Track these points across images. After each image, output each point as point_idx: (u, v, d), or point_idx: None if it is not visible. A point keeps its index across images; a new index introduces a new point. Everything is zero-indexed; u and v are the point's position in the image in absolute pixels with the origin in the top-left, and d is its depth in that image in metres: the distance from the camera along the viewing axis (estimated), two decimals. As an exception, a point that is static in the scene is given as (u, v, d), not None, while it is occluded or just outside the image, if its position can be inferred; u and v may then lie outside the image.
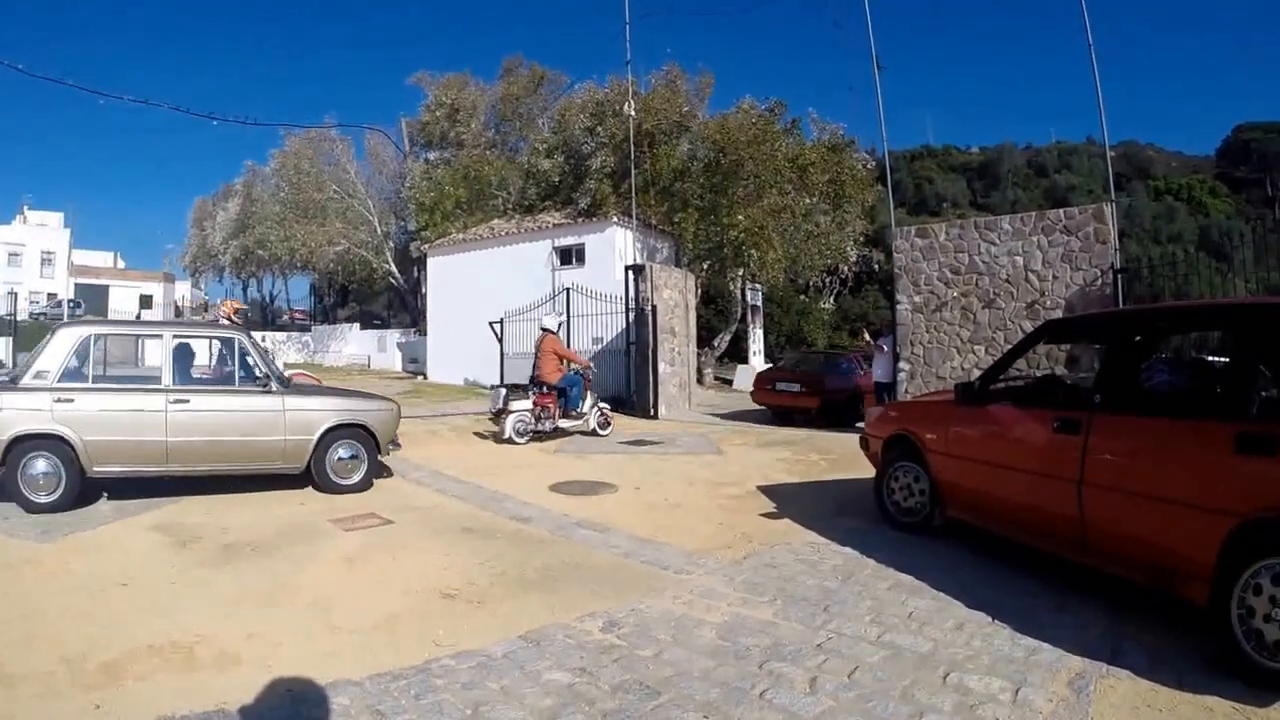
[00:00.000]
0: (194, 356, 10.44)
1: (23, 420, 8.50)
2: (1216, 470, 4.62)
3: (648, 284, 20.82)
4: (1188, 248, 35.32)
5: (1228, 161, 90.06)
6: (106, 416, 8.87)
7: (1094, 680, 4.43)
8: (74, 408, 8.71)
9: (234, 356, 10.00)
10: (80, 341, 9.03)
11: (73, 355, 8.93)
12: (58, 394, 8.69)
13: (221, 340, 10.58)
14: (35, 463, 8.46)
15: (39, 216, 77.51)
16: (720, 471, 11.95)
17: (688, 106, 35.45)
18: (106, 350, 9.74)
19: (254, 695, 4.16)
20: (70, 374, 8.89)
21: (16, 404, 8.56)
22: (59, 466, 8.53)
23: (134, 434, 8.97)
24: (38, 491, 8.42)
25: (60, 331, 9.21)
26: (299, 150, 44.45)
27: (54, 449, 8.55)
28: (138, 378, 10.07)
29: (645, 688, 4.30)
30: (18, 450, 8.42)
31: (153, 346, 10.46)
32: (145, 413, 9.05)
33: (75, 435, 8.62)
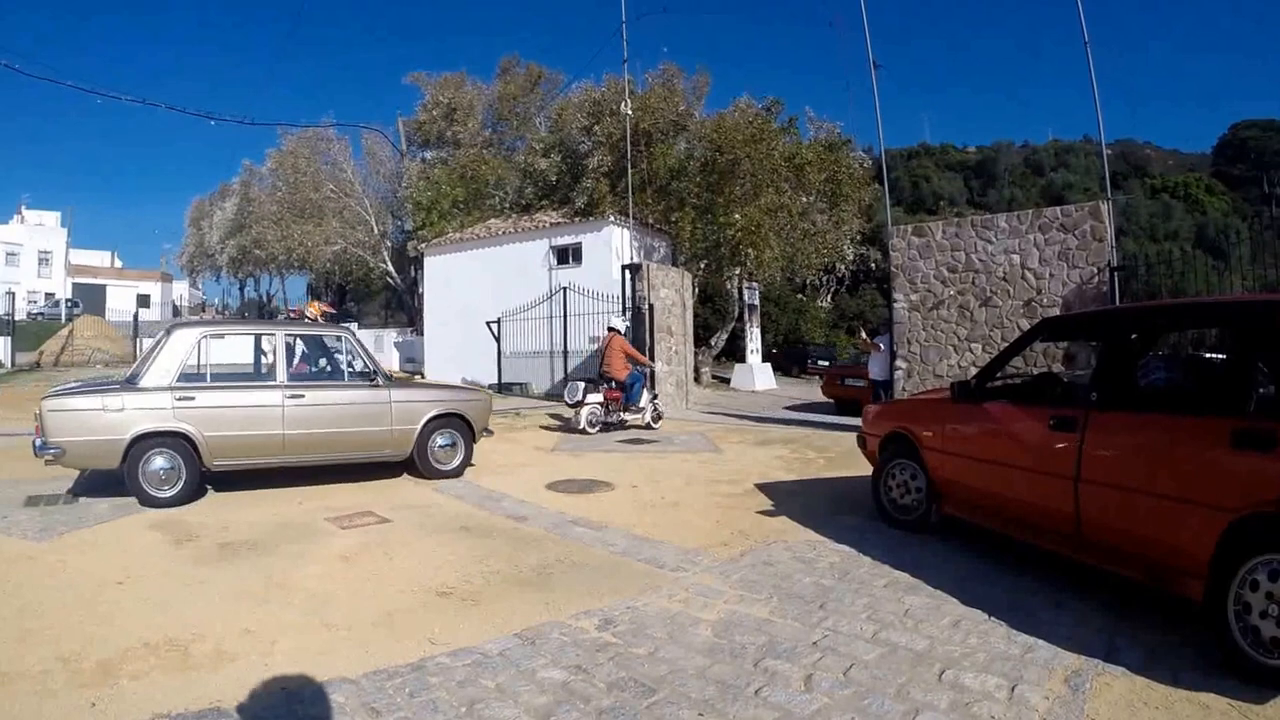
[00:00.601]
0: (305, 354, 11.40)
1: (145, 419, 8.91)
2: (1213, 467, 4.62)
3: (644, 283, 20.83)
4: (1184, 245, 35.38)
5: (1224, 159, 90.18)
6: (226, 413, 9.42)
7: (1090, 677, 4.43)
8: (194, 405, 9.19)
9: (342, 353, 10.77)
10: (196, 342, 9.54)
11: (190, 355, 9.46)
12: (178, 393, 9.16)
13: (330, 338, 11.31)
14: (154, 459, 8.88)
15: (36, 216, 77.79)
16: (717, 469, 11.94)
17: (684, 106, 35.56)
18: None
19: (250, 693, 4.15)
20: (188, 373, 9.40)
21: (139, 403, 8.97)
22: (178, 462, 8.97)
23: (252, 428, 9.55)
24: (159, 486, 8.85)
25: (176, 333, 9.61)
26: (296, 150, 44.67)
27: (174, 445, 8.98)
28: (249, 375, 10.82)
29: (641, 685, 4.30)
30: (139, 447, 8.81)
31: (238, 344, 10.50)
32: (263, 408, 9.64)
33: (196, 432, 9.10)
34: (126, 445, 8.76)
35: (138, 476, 8.79)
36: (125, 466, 8.76)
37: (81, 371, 32.76)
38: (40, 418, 8.67)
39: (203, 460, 9.18)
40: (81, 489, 9.37)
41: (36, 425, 8.85)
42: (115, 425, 8.79)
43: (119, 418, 8.84)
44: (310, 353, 11.56)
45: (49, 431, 8.58)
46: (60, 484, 9.54)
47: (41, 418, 8.64)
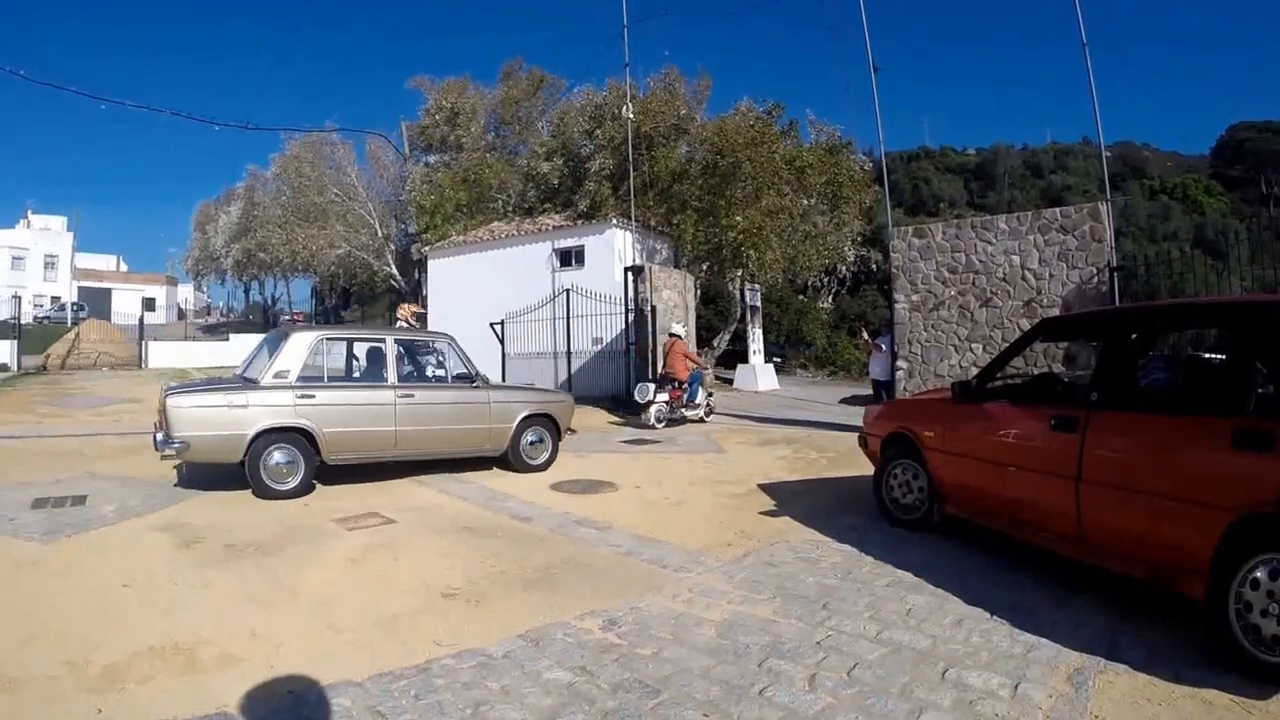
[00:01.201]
0: (413, 357, 11.84)
1: (268, 415, 9.59)
2: (1213, 466, 4.65)
3: (647, 285, 20.85)
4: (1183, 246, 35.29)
5: (1222, 161, 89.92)
6: (343, 410, 10.20)
7: (1093, 675, 4.45)
8: (314, 403, 9.92)
9: (446, 356, 11.77)
10: (314, 344, 10.26)
11: (308, 356, 10.15)
12: (299, 391, 9.87)
13: (434, 342, 12.14)
14: (274, 454, 9.55)
15: (42, 220, 78.15)
16: (720, 470, 11.96)
17: (686, 109, 35.51)
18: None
19: (256, 697, 4.17)
20: (307, 373, 10.08)
21: (262, 401, 9.64)
22: (297, 456, 9.67)
23: (368, 425, 10.36)
24: (280, 480, 9.54)
25: (295, 335, 10.35)
26: (300, 154, 44.77)
27: (293, 441, 9.70)
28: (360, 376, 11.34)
29: (645, 686, 4.31)
30: (260, 443, 9.46)
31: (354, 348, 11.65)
32: (377, 406, 10.44)
33: (316, 428, 9.82)
34: (250, 440, 9.39)
35: (259, 470, 9.42)
36: (246, 461, 9.39)
37: (87, 375, 32.79)
38: (164, 414, 9.13)
39: (320, 455, 9.88)
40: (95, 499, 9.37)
41: (157, 421, 9.51)
42: (239, 421, 9.42)
43: (243, 414, 9.48)
44: (416, 356, 12.06)
45: (174, 427, 9.09)
46: (65, 487, 9.55)
47: (165, 414, 9.11)
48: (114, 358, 40.46)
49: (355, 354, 11.67)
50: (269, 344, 10.78)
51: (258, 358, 10.75)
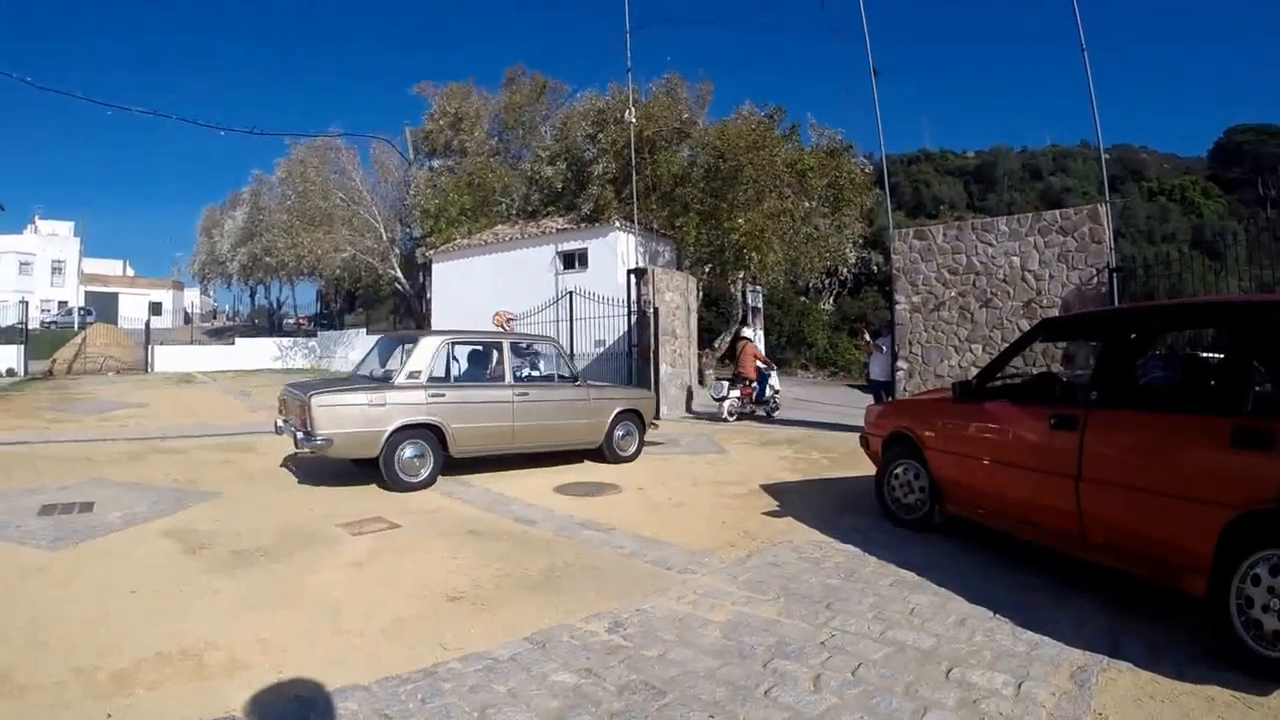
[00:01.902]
0: (524, 358, 12.84)
1: (403, 413, 10.44)
2: (1213, 464, 4.68)
3: (649, 287, 20.86)
4: (1181, 247, 35.28)
5: (1220, 163, 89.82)
6: (469, 408, 11.13)
7: (1096, 673, 4.48)
8: (444, 401, 10.85)
9: (552, 358, 13.10)
10: (442, 347, 11.26)
11: (437, 359, 11.13)
12: (430, 390, 10.78)
13: (541, 345, 13.38)
14: (407, 449, 10.39)
15: (49, 226, 78.40)
16: (723, 471, 12.00)
17: (688, 114, 35.60)
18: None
19: (264, 702, 4.18)
20: (436, 374, 11.05)
21: (398, 400, 10.50)
22: (427, 451, 10.55)
23: (490, 421, 11.34)
24: (412, 473, 10.40)
25: (424, 339, 11.28)
26: (305, 159, 44.83)
27: (424, 437, 10.57)
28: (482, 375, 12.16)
29: (651, 688, 4.33)
30: (395, 438, 10.29)
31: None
32: (497, 404, 11.46)
33: (445, 424, 10.75)
34: (387, 436, 10.22)
35: (393, 464, 10.26)
36: (382, 455, 10.18)
37: (94, 379, 32.81)
38: (309, 413, 9.82)
39: (448, 449, 10.80)
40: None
41: (300, 419, 10.12)
42: (378, 419, 10.25)
43: (381, 412, 10.32)
44: (527, 357, 13.00)
45: (319, 425, 9.83)
46: (72, 493, 9.54)
47: (310, 413, 9.81)
48: (121, 362, 40.55)
49: (476, 356, 12.55)
50: (387, 347, 12.27)
51: (382, 359, 11.98)
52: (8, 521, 8.08)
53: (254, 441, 14.79)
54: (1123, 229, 56.82)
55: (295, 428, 10.31)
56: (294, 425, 10.42)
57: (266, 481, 10.67)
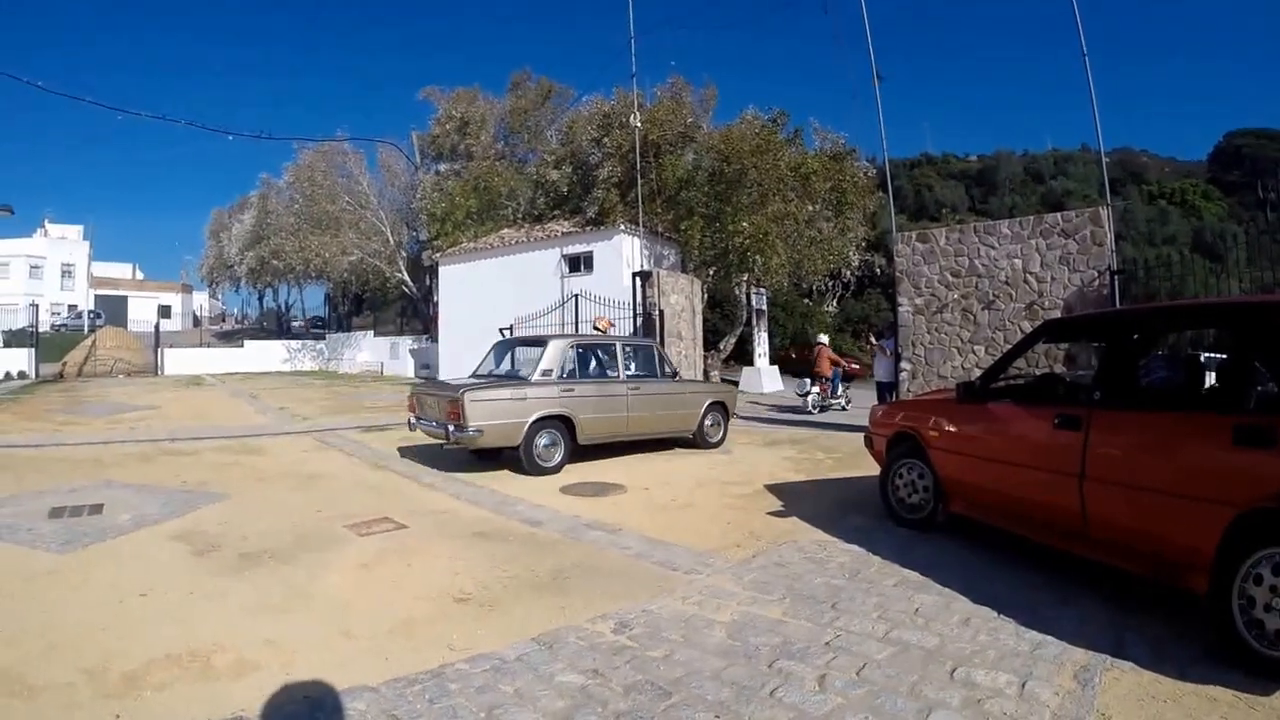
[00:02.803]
0: (633, 357, 14.37)
1: (541, 406, 11.94)
2: (1215, 463, 4.70)
3: (654, 289, 20.93)
4: (1182, 250, 35.39)
5: (1219, 166, 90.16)
6: (592, 401, 12.72)
7: (1099, 672, 4.50)
8: (573, 395, 12.43)
9: (654, 357, 14.71)
10: (569, 348, 12.88)
11: (565, 358, 12.74)
12: (562, 386, 12.37)
13: (646, 347, 15.16)
14: (541, 437, 11.89)
15: (59, 230, 78.65)
16: (728, 471, 12.04)
17: (692, 118, 35.55)
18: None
19: (272, 703, 4.20)
20: (565, 371, 12.66)
21: (537, 394, 12.01)
22: (558, 439, 12.06)
23: (610, 412, 13.01)
24: (547, 459, 11.89)
25: (554, 342, 12.78)
26: (313, 163, 44.85)
27: (556, 427, 12.09)
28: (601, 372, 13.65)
29: (657, 688, 4.35)
30: (533, 428, 11.75)
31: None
32: (615, 397, 13.16)
33: (575, 415, 12.29)
34: (528, 427, 11.67)
35: (531, 451, 11.73)
36: (522, 444, 11.61)
37: (104, 382, 32.82)
38: (462, 409, 11.14)
39: (576, 437, 12.33)
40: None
41: (450, 414, 11.39)
42: (521, 411, 11.72)
43: (523, 405, 11.79)
44: (635, 356, 14.47)
45: (471, 418, 11.20)
46: (82, 496, 9.57)
47: (464, 409, 11.14)
48: (130, 365, 40.53)
49: (595, 356, 13.72)
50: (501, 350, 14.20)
51: (496, 361, 13.94)
52: (18, 524, 8.12)
53: (262, 444, 14.84)
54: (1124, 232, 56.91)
55: (438, 422, 11.78)
56: (435, 420, 11.95)
57: (275, 483, 10.70)
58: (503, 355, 14.08)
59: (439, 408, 11.87)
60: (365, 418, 19.70)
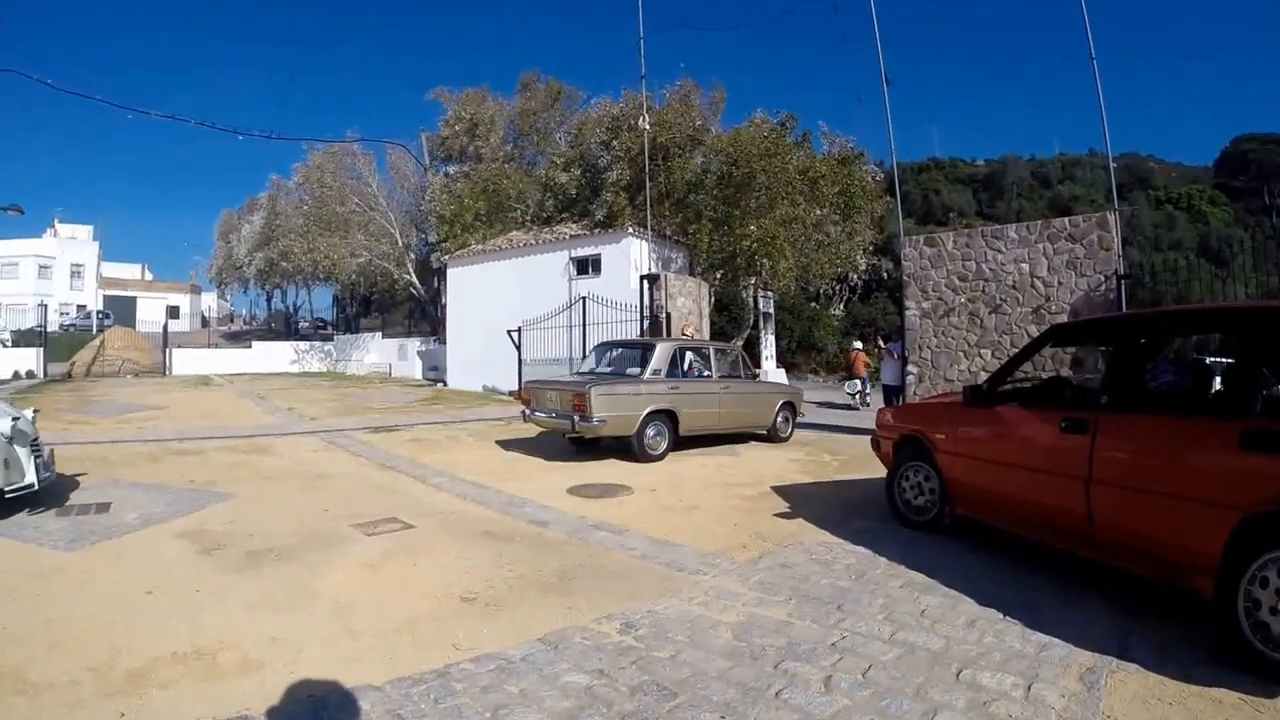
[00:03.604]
0: (721, 359, 15.63)
1: (652, 401, 13.41)
2: (1222, 467, 4.70)
3: (662, 292, 20.94)
4: (1188, 254, 35.45)
5: (1226, 172, 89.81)
6: (692, 398, 14.19)
7: (1104, 675, 4.49)
8: (678, 392, 13.91)
9: (739, 360, 16.45)
10: (674, 351, 14.47)
11: (670, 359, 14.24)
12: (669, 384, 13.88)
13: (733, 350, 16.84)
14: (649, 428, 13.34)
15: (69, 230, 78.65)
16: (734, 473, 12.06)
17: (701, 121, 35.55)
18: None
19: (276, 701, 4.20)
20: (670, 371, 14.11)
21: (649, 390, 13.47)
22: (664, 430, 13.56)
23: (705, 407, 14.49)
24: (654, 448, 13.38)
25: (660, 345, 14.45)
26: (322, 164, 44.97)
27: (663, 419, 13.55)
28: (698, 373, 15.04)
29: (662, 689, 4.35)
30: (645, 420, 13.19)
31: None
32: (709, 394, 14.66)
33: (679, 410, 13.75)
34: (641, 419, 13.11)
35: (642, 441, 13.19)
36: (635, 434, 13.05)
37: (112, 382, 32.88)
38: (589, 402, 12.48)
39: (678, 429, 13.73)
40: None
41: (575, 406, 12.76)
42: (637, 405, 13.18)
43: (638, 400, 13.25)
44: (723, 358, 15.71)
45: (596, 410, 12.53)
46: (89, 494, 9.61)
47: (590, 402, 12.49)
48: (139, 365, 40.66)
49: (693, 358, 15.07)
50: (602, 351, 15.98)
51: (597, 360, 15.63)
52: (25, 521, 8.16)
53: (270, 444, 14.87)
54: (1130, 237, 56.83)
55: (558, 413, 13.25)
56: (554, 411, 13.40)
57: (282, 483, 10.72)
58: (602, 355, 15.82)
59: (562, 401, 13.26)
60: (373, 419, 19.74)
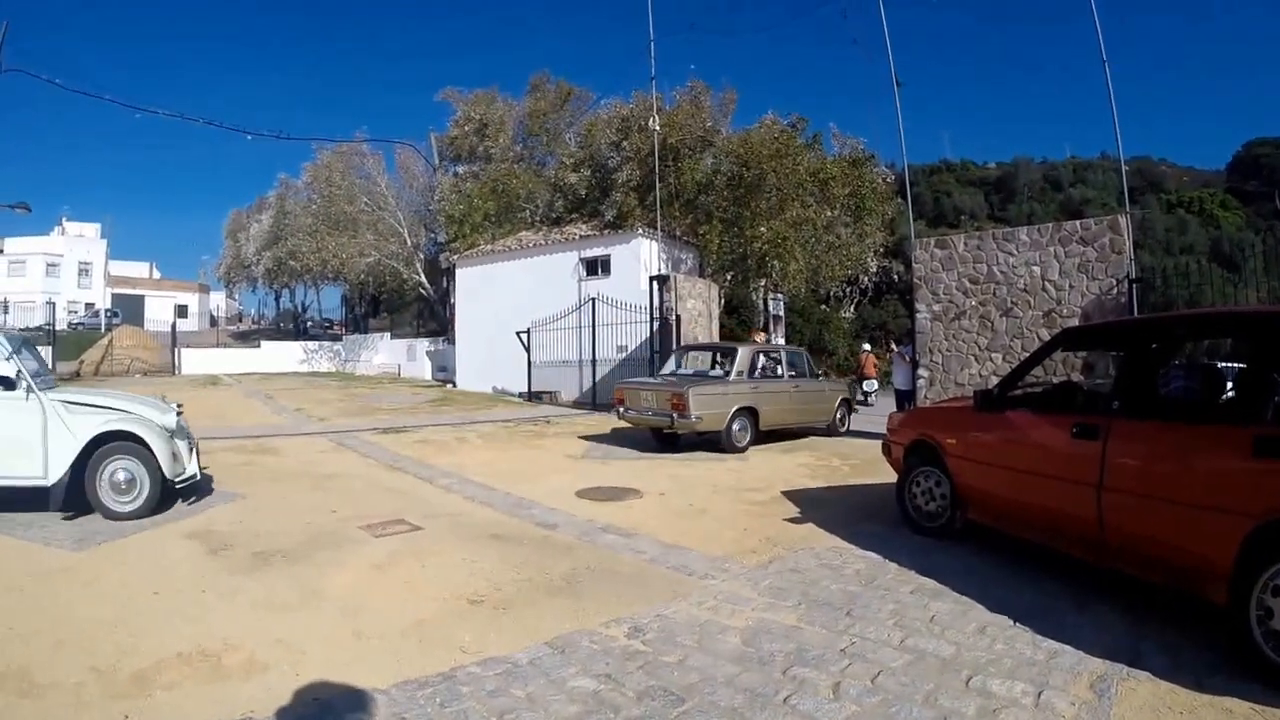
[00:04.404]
0: (790, 361, 17.32)
1: (739, 399, 14.85)
2: (1235, 473, 4.65)
3: (672, 294, 20.93)
4: (1200, 258, 35.33)
5: (1238, 176, 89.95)
6: (770, 396, 15.74)
7: (1115, 683, 4.45)
8: (758, 391, 15.47)
9: (805, 361, 18.20)
10: (753, 354, 16.25)
11: (751, 362, 15.92)
12: (751, 384, 15.47)
13: (800, 353, 18.76)
14: (735, 424, 14.69)
15: (77, 228, 78.78)
16: (744, 477, 12.00)
17: (711, 122, 35.55)
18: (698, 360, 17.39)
19: (282, 703, 4.19)
20: (751, 372, 15.78)
21: (735, 390, 14.97)
22: (747, 425, 15.00)
23: (781, 405, 16.02)
24: (740, 441, 14.80)
25: (743, 349, 16.18)
26: (331, 164, 45.17)
27: (747, 415, 14.97)
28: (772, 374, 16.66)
29: (670, 694, 4.32)
30: (733, 416, 14.58)
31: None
32: (783, 393, 16.26)
33: (759, 407, 15.19)
34: (730, 415, 14.53)
35: (730, 434, 14.56)
36: (724, 429, 14.45)
37: (120, 381, 32.92)
38: (687, 400, 13.85)
39: (758, 425, 15.14)
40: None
41: (676, 404, 14.01)
42: (727, 403, 14.60)
43: (728, 398, 14.67)
44: (790, 361, 17.30)
45: (693, 408, 13.88)
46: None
47: (689, 400, 13.85)
48: (147, 364, 40.79)
49: (768, 360, 16.68)
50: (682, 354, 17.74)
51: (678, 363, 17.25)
52: (32, 521, 8.16)
53: (278, 444, 14.90)
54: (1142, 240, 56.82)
55: (655, 411, 14.60)
56: (651, 409, 14.73)
57: (290, 483, 10.73)
58: (681, 358, 17.50)
59: (659, 400, 14.58)
60: (382, 420, 19.77)
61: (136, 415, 8.97)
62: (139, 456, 8.61)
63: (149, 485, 8.61)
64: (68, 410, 8.62)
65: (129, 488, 8.56)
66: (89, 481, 8.44)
